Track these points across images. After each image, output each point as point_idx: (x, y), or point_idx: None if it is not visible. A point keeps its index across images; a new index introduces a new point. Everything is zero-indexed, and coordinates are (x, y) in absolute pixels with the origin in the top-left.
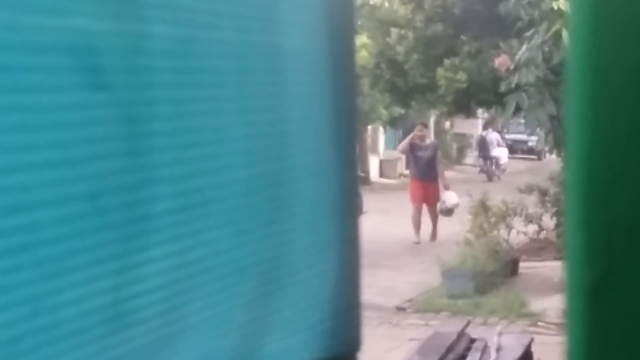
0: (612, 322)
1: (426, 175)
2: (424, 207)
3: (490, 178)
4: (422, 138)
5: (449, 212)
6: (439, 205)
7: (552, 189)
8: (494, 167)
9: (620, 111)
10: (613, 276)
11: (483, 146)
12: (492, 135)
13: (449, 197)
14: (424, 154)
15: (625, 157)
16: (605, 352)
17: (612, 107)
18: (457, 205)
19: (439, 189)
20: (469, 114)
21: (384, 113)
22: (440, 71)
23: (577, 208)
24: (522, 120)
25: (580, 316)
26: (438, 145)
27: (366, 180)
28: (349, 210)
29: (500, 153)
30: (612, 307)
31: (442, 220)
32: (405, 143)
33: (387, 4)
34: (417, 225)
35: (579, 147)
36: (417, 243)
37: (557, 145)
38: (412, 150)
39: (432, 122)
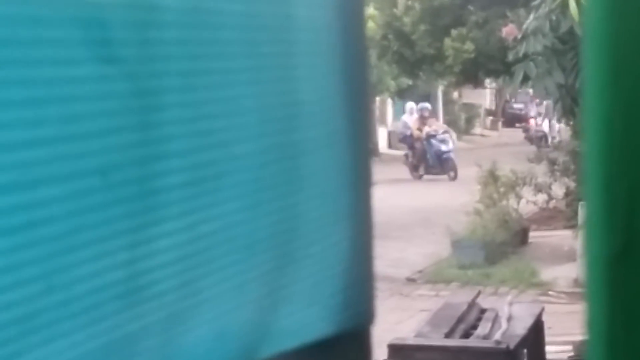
0: (634, 291)
1: None
2: None
3: None
4: None
5: None
6: None
7: (561, 158)
8: None
9: None
10: (634, 245)
11: None
12: None
13: None
14: None
15: None
16: (626, 321)
17: (632, 72)
18: None
19: None
20: (477, 83)
21: (391, 84)
22: (447, 41)
23: (597, 176)
24: (530, 90)
25: (601, 286)
26: None
27: (375, 152)
28: (362, 182)
29: None
30: (633, 276)
31: (452, 190)
32: None
33: None
34: None
35: (597, 113)
36: None
37: (566, 113)
38: None
39: (439, 93)
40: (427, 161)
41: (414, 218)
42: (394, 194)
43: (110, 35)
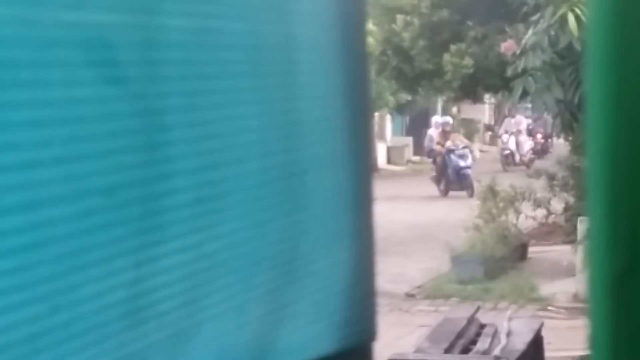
0: (638, 309)
1: None
2: None
3: None
4: None
5: None
6: None
7: (560, 173)
8: None
9: None
10: (638, 265)
11: None
12: None
13: None
14: None
15: None
16: (629, 341)
17: (635, 87)
18: None
19: None
20: (476, 99)
21: (390, 100)
22: (446, 57)
23: (600, 193)
24: (529, 105)
25: (604, 304)
26: None
27: (374, 167)
28: (363, 200)
29: None
30: (637, 294)
31: (453, 204)
32: None
33: None
34: None
35: (600, 130)
36: None
37: (565, 129)
38: None
39: (439, 108)
40: (448, 176)
41: (413, 233)
42: (393, 209)
43: (115, 56)
